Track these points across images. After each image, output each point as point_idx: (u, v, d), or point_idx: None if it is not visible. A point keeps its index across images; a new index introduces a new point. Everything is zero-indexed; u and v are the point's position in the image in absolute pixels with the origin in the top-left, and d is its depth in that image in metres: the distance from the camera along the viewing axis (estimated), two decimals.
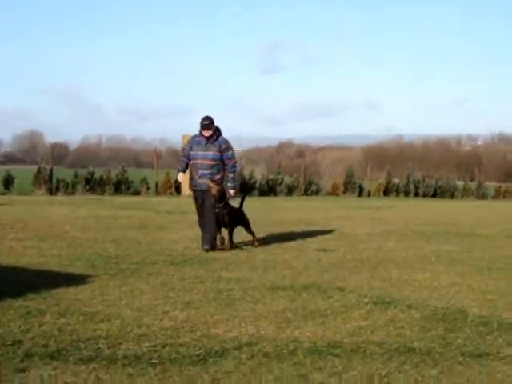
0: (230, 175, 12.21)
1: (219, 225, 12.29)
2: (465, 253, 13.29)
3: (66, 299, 8.00)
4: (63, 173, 34.76)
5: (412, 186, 41.39)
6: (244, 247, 13.09)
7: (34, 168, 33.72)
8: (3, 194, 30.03)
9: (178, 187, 32.54)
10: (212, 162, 11.74)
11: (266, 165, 62.76)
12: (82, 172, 33.11)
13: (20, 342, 6.11)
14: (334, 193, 39.01)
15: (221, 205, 11.85)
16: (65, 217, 19.12)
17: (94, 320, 7.00)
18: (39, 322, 6.83)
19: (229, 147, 12.17)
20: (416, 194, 40.85)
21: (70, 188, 31.71)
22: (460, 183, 46.13)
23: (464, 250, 13.66)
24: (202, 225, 12.17)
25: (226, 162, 11.97)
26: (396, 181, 42.46)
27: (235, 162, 12.43)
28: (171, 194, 34.03)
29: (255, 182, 36.97)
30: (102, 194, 31.21)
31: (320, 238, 15.11)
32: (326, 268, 10.82)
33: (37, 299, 7.91)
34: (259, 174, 40.23)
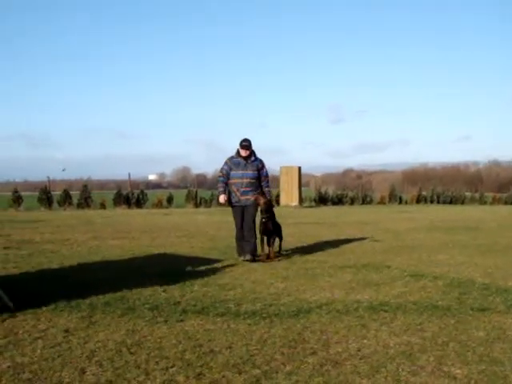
0: (266, 189, 10.11)
1: (266, 233, 9.74)
2: (472, 241, 12.96)
3: (207, 275, 8.12)
4: (204, 193, 35.27)
5: (435, 197, 40.61)
6: (320, 242, 13.02)
7: (186, 190, 34.41)
8: (167, 207, 30.64)
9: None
10: (251, 180, 9.75)
11: (336, 184, 62.58)
12: (215, 192, 33.48)
13: (179, 302, 6.25)
14: (381, 202, 38.48)
15: (267, 215, 9.74)
16: (205, 222, 19.42)
17: (225, 288, 7.09)
18: (190, 290, 6.96)
19: (264, 166, 10.13)
20: (438, 202, 40.01)
21: (208, 203, 32.09)
22: (468, 194, 45.14)
23: (471, 239, 13.33)
24: (240, 238, 9.81)
25: (263, 178, 9.98)
26: (424, 193, 41.72)
27: (268, 179, 10.37)
28: None
29: (328, 196, 36.99)
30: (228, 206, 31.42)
31: (373, 232, 14.95)
32: (377, 252, 10.70)
33: (188, 275, 8.06)
34: (331, 191, 40.23)
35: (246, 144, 9.74)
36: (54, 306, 6.03)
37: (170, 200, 31.91)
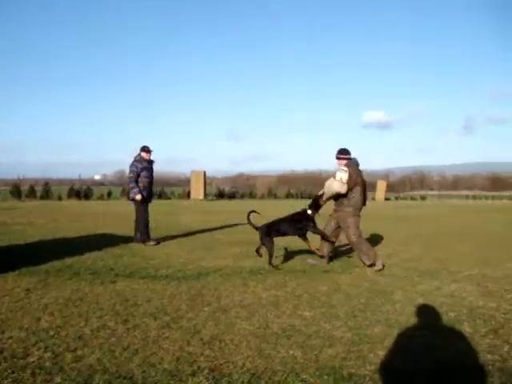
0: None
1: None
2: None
3: (134, 249, 7.90)
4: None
5: (300, 193, 41.43)
6: (216, 225, 12.96)
7: (121, 187, 33.62)
8: (107, 200, 29.44)
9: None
10: (152, 179, 8.72)
11: (231, 184, 63.24)
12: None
13: (112, 269, 6.06)
14: (262, 197, 39.05)
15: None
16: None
17: (146, 258, 6.95)
18: (121, 260, 6.76)
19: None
20: (302, 198, 40.72)
21: None
22: None
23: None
24: (147, 225, 8.65)
25: (153, 176, 8.83)
26: (292, 191, 42.49)
27: None
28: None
29: (225, 193, 37.15)
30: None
31: (253, 218, 15.04)
32: (256, 233, 10.66)
33: (120, 248, 7.81)
34: (227, 189, 40.57)
35: (149, 149, 8.58)
36: (19, 271, 5.70)
37: (109, 194, 31.16)
